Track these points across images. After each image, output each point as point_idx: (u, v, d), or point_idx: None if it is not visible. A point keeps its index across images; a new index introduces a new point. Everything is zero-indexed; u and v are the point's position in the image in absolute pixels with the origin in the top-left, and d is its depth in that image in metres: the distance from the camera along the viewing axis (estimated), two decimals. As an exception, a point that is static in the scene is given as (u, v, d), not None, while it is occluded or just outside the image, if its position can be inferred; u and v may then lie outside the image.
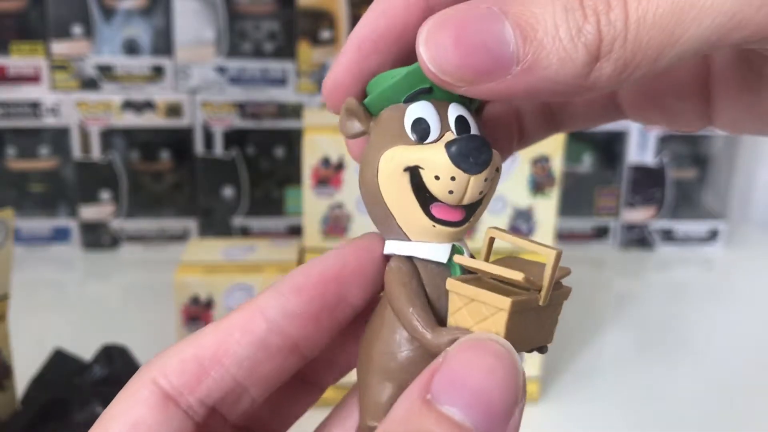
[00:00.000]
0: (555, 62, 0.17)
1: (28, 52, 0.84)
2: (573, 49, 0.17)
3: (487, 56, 0.18)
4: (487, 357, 0.18)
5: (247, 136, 0.86)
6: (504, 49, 0.18)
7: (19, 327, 0.51)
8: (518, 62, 0.18)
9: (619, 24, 0.17)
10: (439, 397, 0.17)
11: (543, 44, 0.17)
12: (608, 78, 0.18)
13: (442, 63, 0.18)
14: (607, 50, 0.17)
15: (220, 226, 0.88)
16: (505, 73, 0.18)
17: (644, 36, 0.17)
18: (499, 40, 0.18)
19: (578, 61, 0.17)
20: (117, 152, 0.86)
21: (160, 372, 0.20)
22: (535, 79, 0.18)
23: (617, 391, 0.64)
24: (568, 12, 0.17)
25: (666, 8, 0.17)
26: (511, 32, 0.18)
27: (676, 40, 0.17)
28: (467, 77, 0.18)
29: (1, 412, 0.47)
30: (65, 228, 0.88)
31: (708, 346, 0.72)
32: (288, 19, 0.84)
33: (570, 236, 0.93)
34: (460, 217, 0.20)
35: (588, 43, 0.17)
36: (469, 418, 0.17)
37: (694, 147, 0.93)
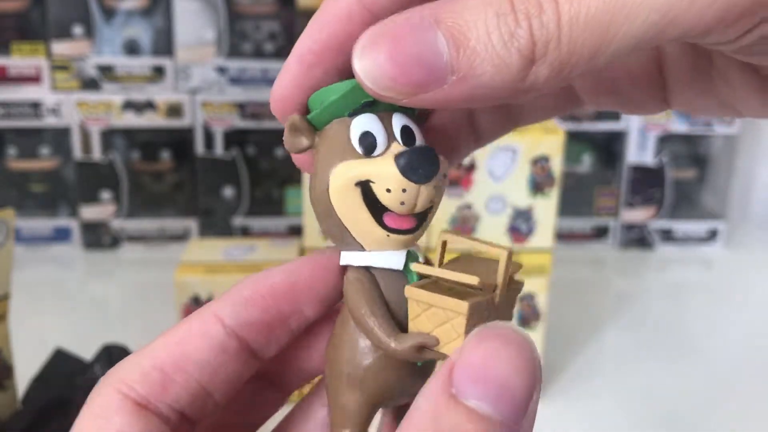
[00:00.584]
0: (489, 69, 0.17)
1: (29, 52, 0.84)
2: (507, 55, 0.17)
3: (422, 68, 0.18)
4: (506, 346, 0.17)
5: (248, 136, 0.86)
6: (438, 60, 0.18)
7: (19, 327, 0.51)
8: (453, 72, 0.18)
9: (552, 26, 0.17)
10: (465, 391, 0.17)
11: (476, 52, 0.17)
12: (545, 80, 0.18)
13: (378, 78, 0.18)
14: (542, 53, 0.17)
15: (221, 226, 0.88)
16: (441, 83, 0.18)
17: (578, 36, 0.17)
18: (433, 51, 0.18)
19: (513, 67, 0.17)
20: (117, 152, 0.86)
21: (122, 384, 0.20)
22: (472, 87, 0.18)
23: (617, 391, 0.64)
24: (499, 17, 0.17)
25: (598, 7, 0.17)
26: (444, 42, 0.18)
27: (611, 38, 0.17)
28: (405, 90, 0.18)
29: (2, 411, 0.47)
30: (66, 228, 0.88)
31: (707, 345, 0.72)
32: (288, 20, 0.84)
33: (570, 236, 0.93)
34: (413, 224, 0.21)
35: (521, 48, 0.17)
36: (497, 410, 0.17)
37: (693, 147, 0.93)
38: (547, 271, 0.59)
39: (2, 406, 0.47)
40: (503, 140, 0.56)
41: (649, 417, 0.61)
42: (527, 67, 0.17)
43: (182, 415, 0.21)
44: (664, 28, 0.17)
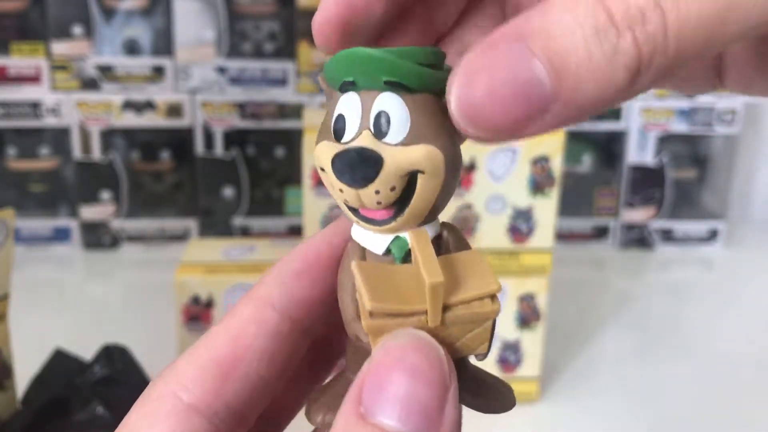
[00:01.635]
0: (594, 90, 0.16)
1: (29, 52, 0.84)
2: (611, 71, 0.16)
3: (524, 103, 0.17)
4: (407, 357, 0.17)
5: (248, 136, 0.86)
6: (539, 91, 0.16)
7: (19, 327, 0.51)
8: (556, 99, 0.17)
9: (659, 36, 0.16)
10: (372, 409, 0.17)
11: (578, 74, 0.16)
12: (649, 85, 0.17)
13: (479, 122, 0.17)
14: (647, 64, 0.16)
15: (221, 226, 0.88)
16: (545, 112, 0.17)
17: (686, 42, 0.16)
18: (532, 83, 0.16)
19: (619, 83, 0.16)
20: (117, 152, 0.86)
21: (178, 384, 0.19)
22: (576, 109, 0.17)
23: (617, 391, 0.64)
24: (599, 32, 0.16)
25: (708, 9, 0.16)
26: (543, 70, 0.16)
27: (719, 39, 0.16)
28: (508, 129, 0.17)
29: (2, 411, 0.47)
30: (66, 228, 0.88)
31: (708, 345, 0.72)
32: (288, 20, 0.84)
33: (570, 236, 0.93)
34: (387, 215, 0.19)
35: (627, 63, 0.16)
36: (407, 425, 0.17)
37: (693, 147, 0.93)
38: (547, 271, 0.59)
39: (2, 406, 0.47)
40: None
41: (649, 417, 0.61)
42: (633, 79, 0.16)
43: (236, 413, 0.20)
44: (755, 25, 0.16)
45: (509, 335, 0.60)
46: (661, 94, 0.90)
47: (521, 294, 0.59)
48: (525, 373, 0.61)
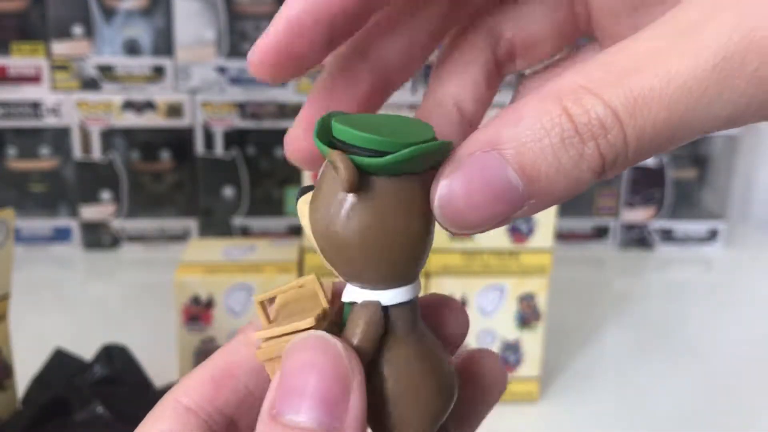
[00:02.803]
0: (564, 189, 0.18)
1: (29, 52, 0.84)
2: (579, 174, 0.18)
3: (499, 206, 0.18)
4: (307, 356, 0.19)
5: (248, 136, 0.86)
6: (514, 194, 0.18)
7: (19, 327, 0.51)
8: (530, 198, 0.18)
9: (619, 144, 0.18)
10: (282, 409, 0.18)
11: (549, 179, 0.18)
12: (611, 176, 0.19)
13: (460, 223, 0.19)
14: (611, 166, 0.18)
15: (221, 226, 0.88)
16: (518, 210, 0.19)
17: (644, 147, 0.18)
18: (507, 189, 0.18)
19: (585, 182, 0.18)
20: (117, 152, 0.86)
21: (181, 392, 0.22)
22: (547, 203, 0.19)
23: (617, 391, 0.64)
24: (565, 141, 0.18)
25: (662, 124, 0.17)
26: (516, 176, 0.18)
27: (677, 141, 0.18)
28: (485, 227, 0.19)
29: (2, 411, 0.47)
30: (66, 228, 0.88)
31: (707, 345, 0.72)
32: (288, 20, 0.84)
33: (570, 236, 0.93)
34: None
35: (592, 166, 0.18)
36: (310, 418, 0.18)
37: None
38: (547, 271, 0.59)
39: (2, 406, 0.47)
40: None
41: (649, 417, 0.61)
42: (598, 177, 0.18)
43: (230, 419, 0.22)
44: (729, 126, 0.18)
45: (509, 335, 0.60)
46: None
47: (521, 294, 0.59)
48: (525, 373, 0.61)
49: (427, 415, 0.21)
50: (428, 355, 0.21)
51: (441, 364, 0.21)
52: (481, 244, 0.58)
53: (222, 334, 0.59)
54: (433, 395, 0.21)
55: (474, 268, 0.58)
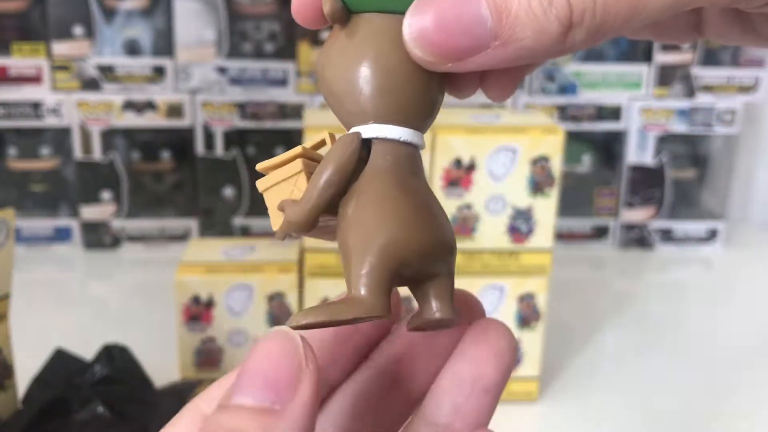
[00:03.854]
0: (530, 35, 0.19)
1: (29, 52, 0.84)
2: (546, 22, 0.19)
3: (467, 37, 0.19)
4: (262, 346, 0.19)
5: (248, 136, 0.86)
6: (482, 28, 0.19)
7: (20, 326, 0.51)
8: (496, 38, 0.19)
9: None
10: (233, 394, 0.19)
11: (518, 19, 0.19)
12: (582, 42, 0.19)
13: (426, 47, 0.20)
14: (579, 20, 0.19)
15: (221, 226, 0.88)
16: (484, 48, 0.19)
17: (612, 6, 0.19)
18: (476, 20, 0.19)
19: (552, 32, 0.19)
20: (118, 152, 0.86)
21: (203, 400, 0.22)
22: (513, 51, 0.19)
23: (616, 390, 0.64)
24: None
25: None
26: (487, 9, 0.19)
27: (643, 7, 0.19)
28: (451, 57, 0.20)
29: (3, 411, 0.47)
30: (66, 228, 0.88)
31: (707, 345, 0.72)
32: (288, 20, 0.84)
33: (569, 236, 0.93)
34: None
35: (560, 16, 0.19)
36: (257, 399, 0.18)
37: (693, 147, 0.93)
38: (546, 271, 0.59)
39: (3, 406, 0.47)
40: (503, 140, 0.56)
41: (649, 416, 0.61)
42: (565, 33, 0.19)
43: None
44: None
45: (509, 335, 0.60)
46: (660, 94, 0.90)
47: (521, 294, 0.59)
48: (525, 372, 0.61)
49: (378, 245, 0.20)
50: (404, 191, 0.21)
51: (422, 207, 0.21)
52: (481, 244, 0.58)
53: (222, 334, 0.59)
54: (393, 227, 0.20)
55: (474, 268, 0.58)
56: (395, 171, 0.21)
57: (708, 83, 0.90)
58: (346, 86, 0.21)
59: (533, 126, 0.57)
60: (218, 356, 0.59)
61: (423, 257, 0.21)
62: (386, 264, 0.20)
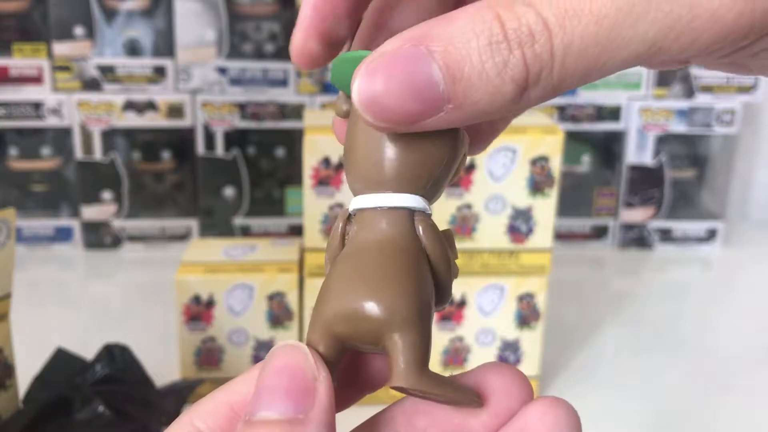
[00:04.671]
0: (485, 97, 0.18)
1: (30, 52, 0.84)
2: (501, 84, 0.18)
3: (418, 101, 0.18)
4: (273, 360, 0.20)
5: (248, 136, 0.86)
6: (434, 92, 0.18)
7: (21, 326, 0.51)
8: (449, 100, 0.18)
9: (545, 55, 0.18)
10: (251, 410, 0.19)
11: (471, 82, 0.18)
12: (537, 100, 0.18)
13: (376, 113, 0.19)
14: (535, 80, 0.18)
15: (221, 226, 0.89)
16: (438, 112, 0.18)
17: (570, 64, 0.18)
18: (428, 84, 0.18)
19: (507, 94, 0.18)
20: (118, 152, 0.87)
21: (196, 415, 0.22)
22: (466, 113, 0.18)
23: (616, 390, 0.64)
24: (492, 46, 0.18)
25: (589, 38, 0.17)
26: (439, 73, 0.18)
27: (602, 65, 0.18)
28: (402, 123, 0.19)
29: (3, 410, 0.48)
30: (67, 228, 0.88)
31: (706, 345, 0.72)
32: (289, 20, 0.84)
33: (569, 236, 0.93)
34: None
35: (515, 77, 0.18)
36: (276, 410, 0.19)
37: (692, 147, 0.93)
38: (546, 271, 0.59)
39: (3, 406, 0.48)
40: (503, 140, 0.56)
41: (648, 415, 0.61)
42: (521, 93, 0.18)
43: None
44: (651, 56, 0.18)
45: (509, 334, 0.60)
46: (660, 94, 0.90)
47: (520, 294, 0.59)
48: (524, 372, 0.61)
49: (325, 312, 0.21)
50: (346, 258, 0.21)
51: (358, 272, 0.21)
52: (480, 244, 0.58)
53: (222, 334, 0.59)
54: (339, 294, 0.21)
55: (473, 267, 0.59)
56: (356, 239, 0.22)
57: (707, 83, 0.90)
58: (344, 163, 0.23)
59: (533, 126, 0.57)
60: (219, 356, 0.60)
61: (345, 321, 0.21)
62: (317, 325, 0.21)
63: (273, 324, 0.59)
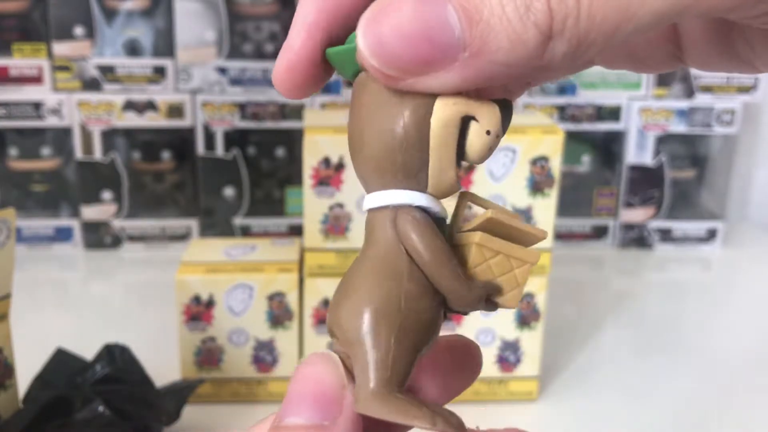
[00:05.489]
0: (505, 44, 0.16)
1: (31, 52, 0.84)
2: (523, 30, 0.16)
3: (431, 45, 0.17)
4: (305, 369, 0.20)
5: (248, 136, 0.86)
6: (449, 36, 0.16)
7: (21, 326, 0.51)
8: (465, 48, 0.16)
9: (571, 1, 0.16)
10: (282, 415, 0.20)
11: (490, 26, 0.16)
12: (562, 56, 0.17)
13: (383, 56, 0.17)
14: (560, 29, 0.16)
15: (221, 226, 0.89)
16: (453, 61, 0.17)
17: (598, 12, 0.16)
18: (443, 27, 0.16)
19: (530, 42, 0.16)
20: (118, 152, 0.87)
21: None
22: (486, 64, 0.17)
23: (616, 390, 0.64)
24: None
25: None
26: (455, 15, 0.16)
27: (633, 15, 0.16)
28: (412, 69, 0.17)
29: (4, 410, 0.48)
30: (67, 228, 0.88)
31: (706, 345, 0.72)
32: (289, 21, 0.84)
33: (569, 236, 0.93)
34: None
35: (538, 22, 0.16)
36: (303, 416, 0.19)
37: (692, 147, 0.93)
38: (546, 271, 0.59)
39: (4, 405, 0.48)
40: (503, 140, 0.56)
41: (648, 416, 0.61)
42: (545, 43, 0.16)
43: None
44: (690, 3, 0.16)
45: (508, 335, 0.60)
46: (660, 94, 0.90)
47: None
48: (524, 372, 0.61)
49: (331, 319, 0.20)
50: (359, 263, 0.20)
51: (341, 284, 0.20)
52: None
53: (223, 334, 0.59)
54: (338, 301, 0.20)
55: (473, 267, 0.59)
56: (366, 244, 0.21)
57: (707, 83, 0.90)
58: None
59: (533, 126, 0.57)
60: (219, 356, 0.60)
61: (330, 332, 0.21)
62: None
63: (273, 324, 0.59)
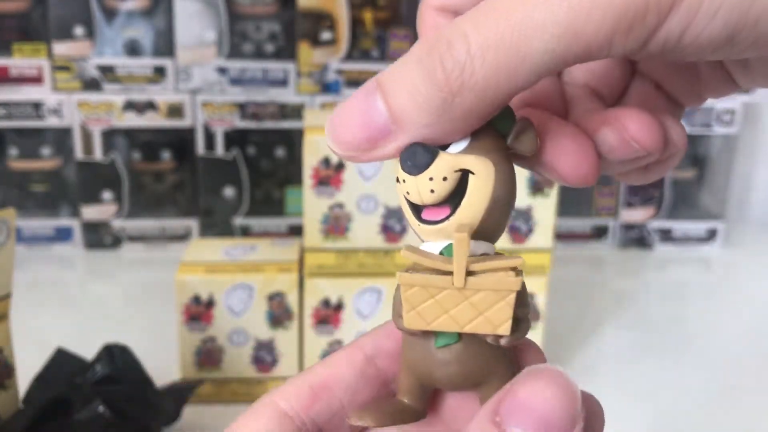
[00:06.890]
0: (418, 112, 0.20)
1: (30, 52, 0.84)
2: (429, 95, 0.19)
3: (369, 128, 0.20)
4: (551, 385, 0.19)
5: (248, 136, 0.86)
6: (378, 119, 0.20)
7: (21, 326, 0.51)
8: (393, 124, 0.20)
9: (462, 56, 0.19)
10: (507, 419, 0.19)
11: (404, 101, 0.20)
12: (471, 105, 0.19)
13: (339, 143, 0.21)
14: (458, 84, 0.19)
15: (221, 226, 0.89)
16: (388, 136, 0.20)
17: (492, 59, 0.19)
18: (372, 114, 0.20)
19: (435, 103, 0.19)
20: (118, 152, 0.87)
21: (279, 396, 0.23)
22: (414, 131, 0.20)
23: (616, 390, 0.64)
24: (421, 62, 0.19)
25: (504, 29, 0.18)
26: (382, 102, 0.20)
27: (524, 55, 0.18)
28: (362, 148, 0.21)
29: (3, 411, 0.48)
30: (67, 228, 0.88)
31: (706, 345, 0.72)
32: (289, 21, 0.84)
33: (569, 236, 0.93)
34: (443, 215, 0.22)
35: (439, 84, 0.19)
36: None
37: (692, 147, 0.93)
38: (546, 271, 0.59)
39: (3, 406, 0.48)
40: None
41: (648, 416, 0.61)
42: (449, 99, 0.19)
43: (319, 428, 0.23)
44: (569, 42, 0.18)
45: (508, 335, 0.60)
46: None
47: (520, 294, 0.59)
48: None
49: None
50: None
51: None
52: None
53: (222, 334, 0.59)
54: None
55: (473, 268, 0.59)
56: None
57: (707, 83, 0.90)
58: None
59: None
60: (218, 356, 0.60)
61: None
62: None
63: (273, 324, 0.59)
